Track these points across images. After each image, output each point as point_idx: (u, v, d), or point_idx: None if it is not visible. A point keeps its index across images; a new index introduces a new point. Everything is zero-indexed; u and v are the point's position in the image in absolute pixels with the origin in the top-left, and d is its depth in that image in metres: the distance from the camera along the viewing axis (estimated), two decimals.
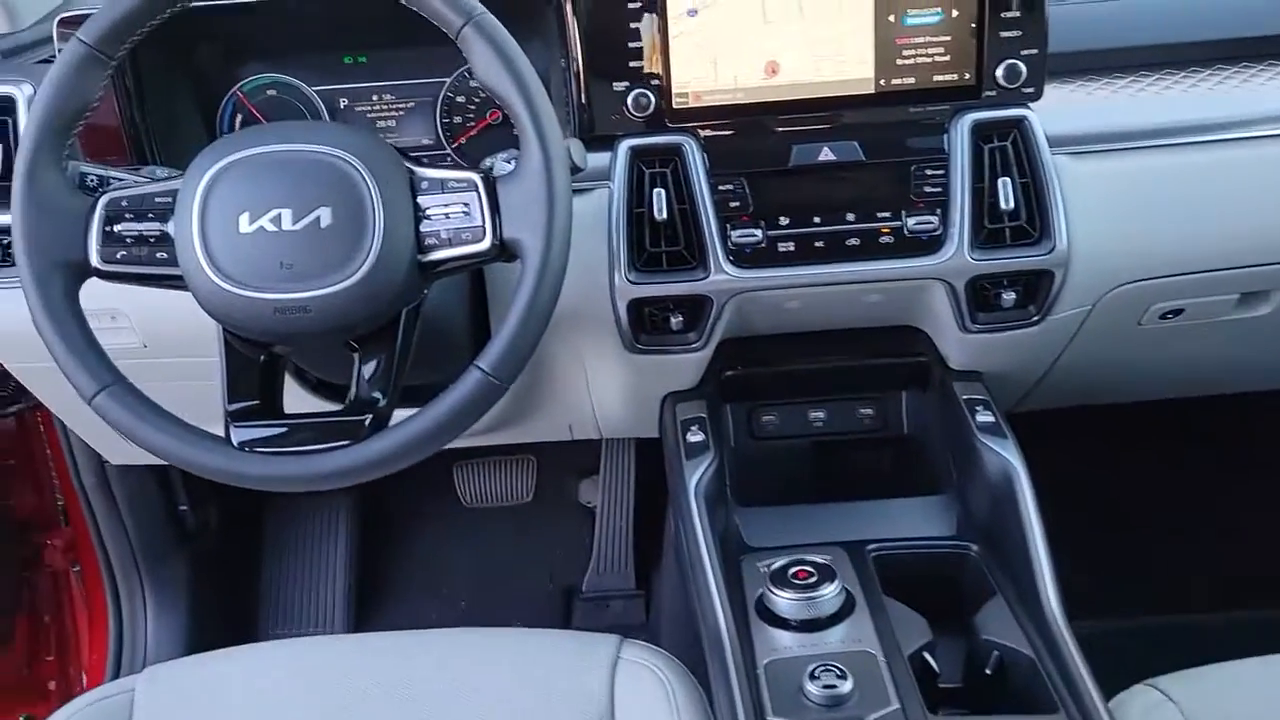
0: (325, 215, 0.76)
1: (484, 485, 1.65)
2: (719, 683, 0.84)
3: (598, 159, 0.96)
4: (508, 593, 1.65)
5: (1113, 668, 0.86)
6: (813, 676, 0.79)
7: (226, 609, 1.60)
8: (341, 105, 1.08)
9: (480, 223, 0.78)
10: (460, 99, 1.07)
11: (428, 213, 0.79)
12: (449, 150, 1.09)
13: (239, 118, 1.08)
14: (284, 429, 0.82)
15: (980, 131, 0.96)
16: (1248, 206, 1.01)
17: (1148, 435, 1.55)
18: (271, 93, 1.07)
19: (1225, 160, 1.00)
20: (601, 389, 1.12)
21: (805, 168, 0.97)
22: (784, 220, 0.97)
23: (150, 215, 0.79)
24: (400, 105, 1.09)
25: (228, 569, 1.61)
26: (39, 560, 1.50)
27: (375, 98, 1.09)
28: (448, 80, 1.07)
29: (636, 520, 1.61)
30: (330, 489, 0.82)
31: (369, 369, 0.82)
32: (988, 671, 0.87)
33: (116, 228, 0.79)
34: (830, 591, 0.87)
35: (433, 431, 0.78)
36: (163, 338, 1.02)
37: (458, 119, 1.08)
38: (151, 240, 0.79)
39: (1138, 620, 1.46)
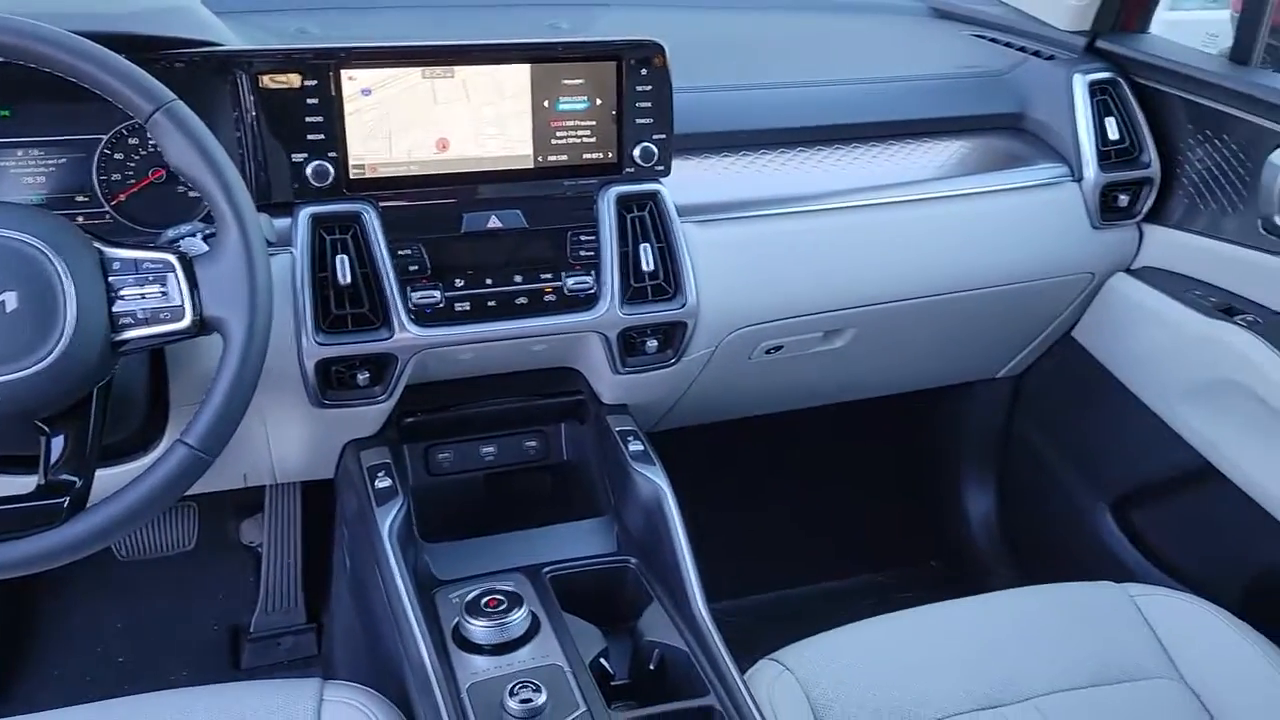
0: (10, 300, 0.76)
1: (141, 538, 1.58)
2: (427, 710, 0.92)
3: (279, 223, 1.01)
4: (170, 642, 1.60)
5: (752, 644, 1.05)
6: (511, 694, 0.90)
7: None
8: None
9: (179, 302, 0.81)
10: (119, 156, 1.05)
11: (121, 293, 0.80)
12: (108, 208, 1.07)
13: None
14: None
15: (623, 203, 1.11)
16: (830, 264, 1.25)
17: (764, 441, 1.81)
18: None
19: (813, 227, 1.23)
20: (282, 441, 1.15)
21: (476, 234, 1.08)
22: (459, 281, 1.06)
23: None
24: (50, 161, 1.05)
25: None
26: None
27: (21, 153, 1.04)
28: (104, 137, 1.05)
29: (305, 556, 1.63)
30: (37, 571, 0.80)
31: (59, 447, 0.82)
32: (651, 668, 1.03)
33: None
34: (519, 616, 0.98)
35: (139, 508, 0.79)
36: None
37: (116, 176, 1.06)
38: None
39: (775, 593, 1.71)
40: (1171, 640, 1.07)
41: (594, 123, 1.09)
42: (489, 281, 1.07)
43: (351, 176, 1.03)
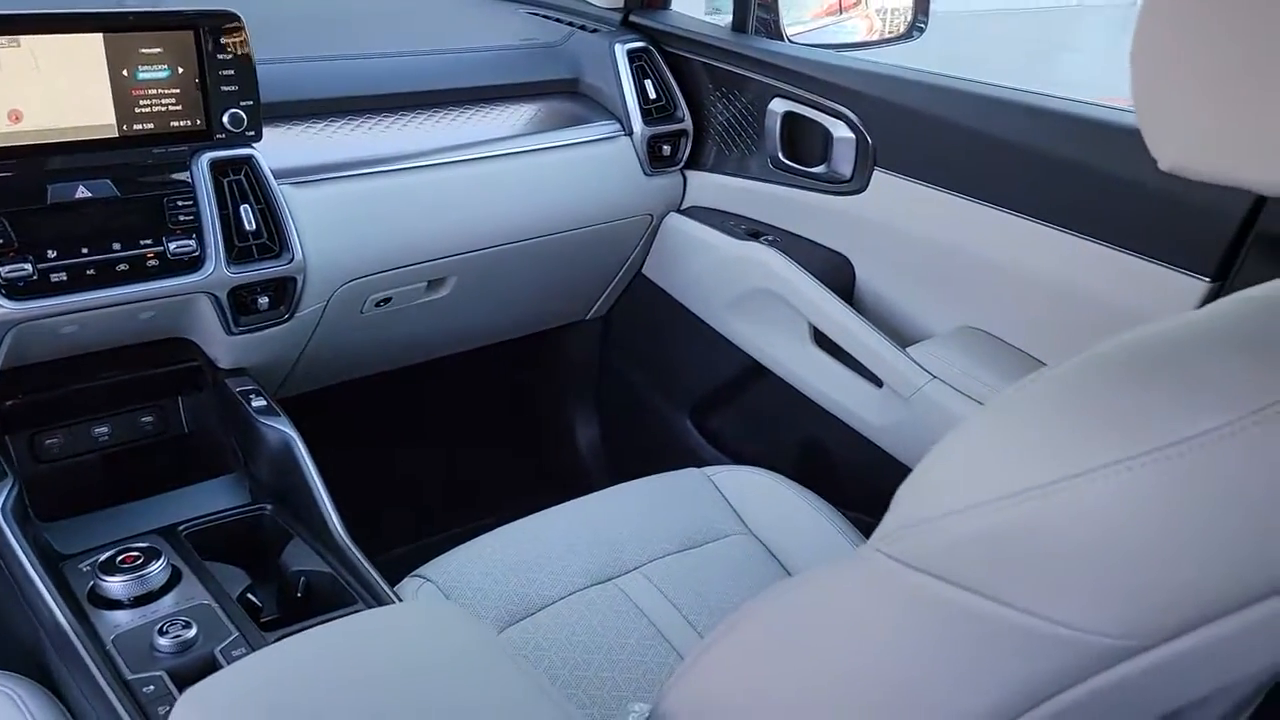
0: None
1: None
2: (74, 670, 0.93)
3: None
4: None
5: (397, 577, 1.14)
6: (161, 633, 0.93)
7: None
8: None
9: None
10: None
11: None
12: None
13: None
14: None
15: (217, 168, 1.16)
16: (423, 218, 1.37)
17: (391, 401, 1.88)
18: None
19: (406, 184, 1.35)
20: None
21: (65, 204, 1.07)
22: (52, 253, 1.05)
23: None
24: None
25: None
26: None
27: None
28: None
29: None
30: None
31: None
32: (299, 595, 1.10)
33: None
34: (158, 566, 1.01)
35: None
36: None
37: None
38: None
39: (418, 544, 1.78)
40: (741, 505, 1.30)
41: (179, 91, 1.12)
42: (85, 251, 1.07)
43: None
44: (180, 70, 1.12)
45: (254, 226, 1.16)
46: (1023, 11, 11.13)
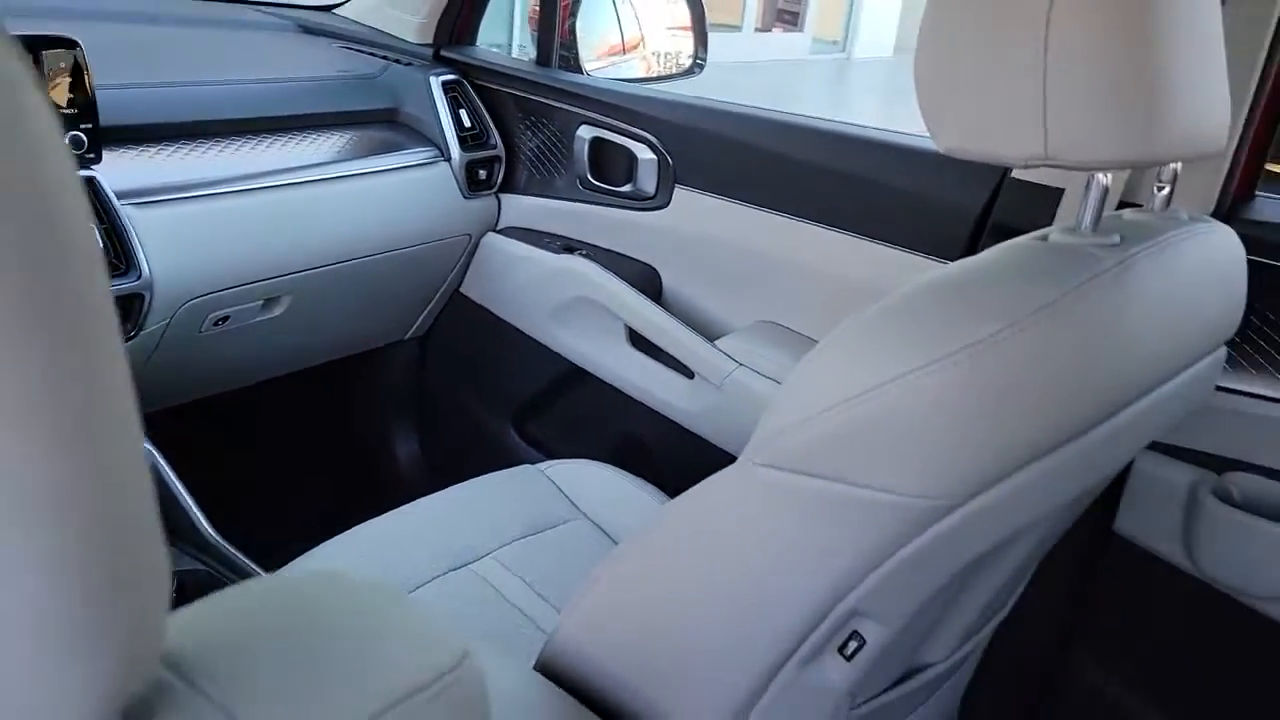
0: None
1: None
2: None
3: None
4: None
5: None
6: None
7: None
8: None
9: None
10: None
11: None
12: None
13: None
14: None
15: None
16: (257, 237, 1.42)
17: (231, 422, 1.88)
18: None
19: (244, 205, 1.40)
20: None
21: None
22: None
23: None
24: None
25: None
26: None
27: None
28: None
29: None
30: None
31: None
32: (174, 595, 1.12)
33: None
34: None
35: None
36: None
37: None
38: None
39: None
40: (574, 493, 1.41)
41: None
42: None
43: None
44: None
45: (100, 245, 1.19)
46: (759, 65, 12.04)
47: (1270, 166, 1.18)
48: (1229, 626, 1.16)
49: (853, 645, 0.78)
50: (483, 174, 1.72)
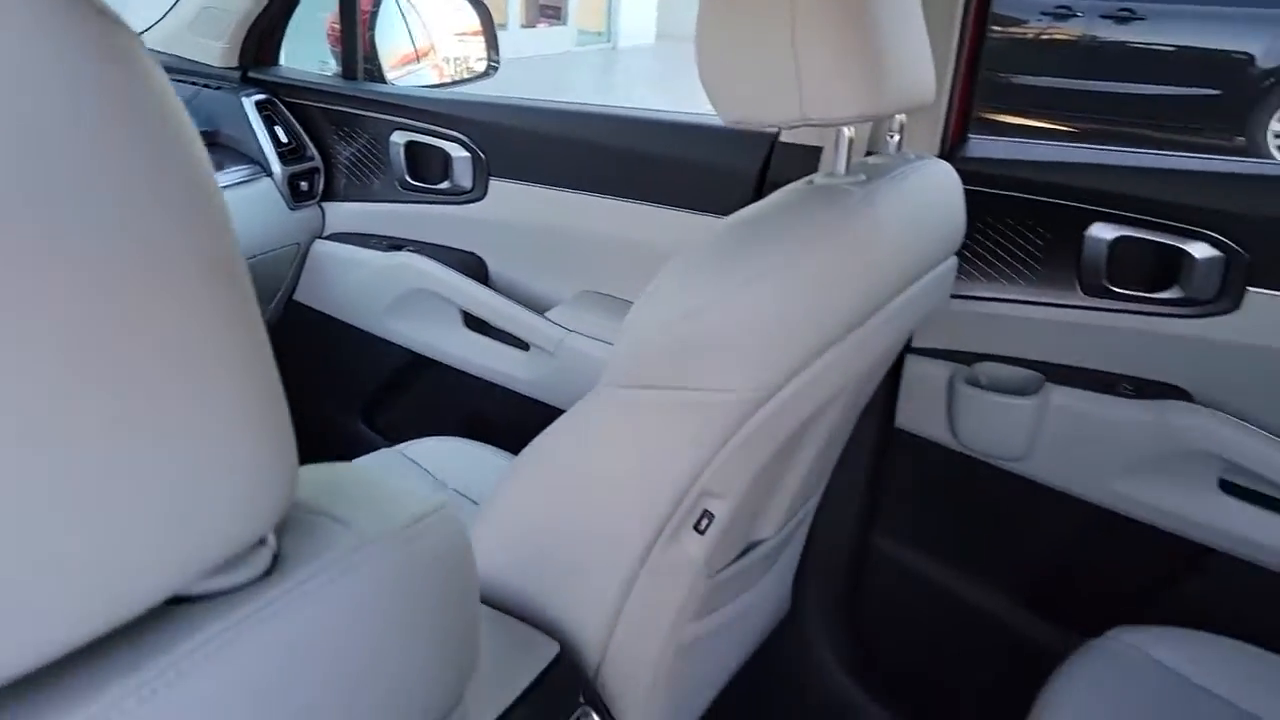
0: None
1: None
2: None
3: None
4: None
5: None
6: None
7: None
8: None
9: None
10: None
11: None
12: None
13: None
14: None
15: None
16: None
17: None
18: None
19: None
20: None
21: None
22: None
23: None
24: None
25: None
26: None
27: None
28: None
29: None
30: None
31: None
32: None
33: None
34: None
35: None
36: None
37: None
38: None
39: None
40: (434, 468, 1.56)
41: None
42: None
43: None
44: None
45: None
46: (529, 60, 12.23)
47: (992, 117, 1.46)
48: (987, 486, 1.44)
49: (705, 522, 0.98)
50: (304, 185, 1.82)
